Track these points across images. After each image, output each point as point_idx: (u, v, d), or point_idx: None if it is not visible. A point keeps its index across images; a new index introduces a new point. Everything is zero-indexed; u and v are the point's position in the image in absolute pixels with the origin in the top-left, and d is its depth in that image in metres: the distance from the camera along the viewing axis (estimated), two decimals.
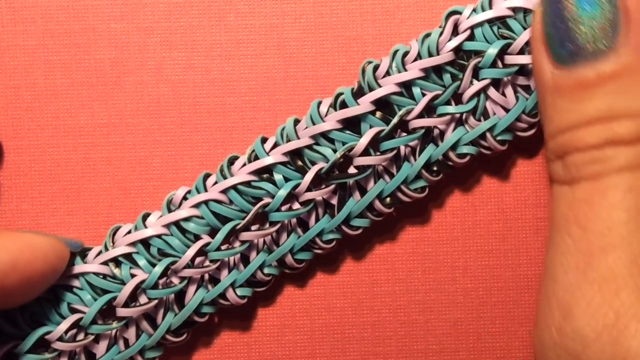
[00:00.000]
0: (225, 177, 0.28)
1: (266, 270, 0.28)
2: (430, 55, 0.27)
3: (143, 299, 0.27)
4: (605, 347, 0.22)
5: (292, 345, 0.30)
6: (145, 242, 0.28)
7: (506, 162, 0.30)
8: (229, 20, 0.30)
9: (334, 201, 0.28)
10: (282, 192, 0.27)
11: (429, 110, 0.28)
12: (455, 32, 0.27)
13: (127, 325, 0.28)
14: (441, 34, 0.27)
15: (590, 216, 0.23)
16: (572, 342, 0.23)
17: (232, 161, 0.28)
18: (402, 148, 0.28)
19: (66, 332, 0.27)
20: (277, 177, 0.28)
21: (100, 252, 0.28)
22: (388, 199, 0.28)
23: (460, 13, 0.27)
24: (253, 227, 0.28)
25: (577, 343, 0.23)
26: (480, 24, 0.27)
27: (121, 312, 0.27)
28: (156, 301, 0.27)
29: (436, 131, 0.28)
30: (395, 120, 0.27)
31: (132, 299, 0.27)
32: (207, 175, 0.28)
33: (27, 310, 0.27)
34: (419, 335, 0.30)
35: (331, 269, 0.30)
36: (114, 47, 0.29)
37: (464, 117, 0.28)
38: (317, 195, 0.27)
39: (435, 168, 0.28)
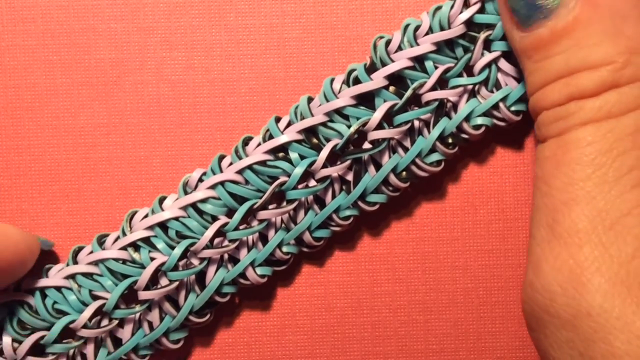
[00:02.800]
0: (240, 158, 0.28)
1: (285, 249, 0.28)
2: (441, 28, 0.27)
3: (164, 281, 0.27)
4: (570, 301, 0.22)
5: (292, 345, 0.30)
6: (163, 225, 0.28)
7: (506, 162, 0.30)
8: (229, 20, 0.30)
9: (350, 177, 0.28)
10: (299, 170, 0.27)
11: (442, 83, 0.28)
12: (466, 4, 0.27)
13: (150, 309, 0.28)
14: (452, 6, 0.27)
15: (554, 172, 0.24)
16: (542, 297, 0.23)
17: (246, 142, 0.28)
18: (417, 123, 0.28)
19: (90, 319, 0.27)
20: (293, 155, 0.28)
21: (117, 238, 0.28)
22: (404, 173, 0.28)
23: None
24: (270, 206, 0.28)
25: (546, 297, 0.23)
26: None
27: (143, 295, 0.27)
28: (177, 283, 0.27)
29: (449, 104, 0.28)
30: (408, 93, 0.27)
31: (153, 282, 0.27)
32: (222, 157, 0.28)
33: (50, 299, 0.27)
34: (419, 335, 0.30)
35: (331, 269, 0.30)
36: (114, 47, 0.29)
37: (476, 89, 0.28)
38: (333, 171, 0.27)
39: (450, 140, 0.28)
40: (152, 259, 0.27)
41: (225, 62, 0.30)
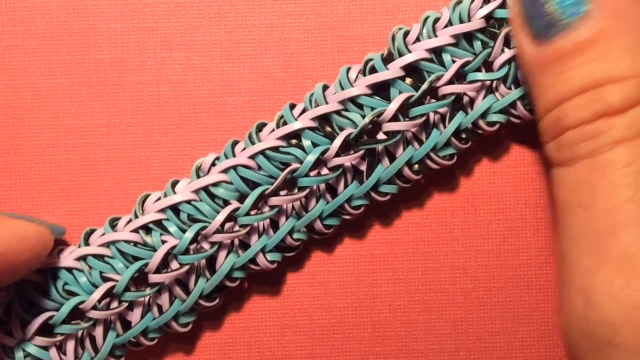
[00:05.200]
0: (253, 143, 0.28)
1: (295, 236, 0.28)
2: (461, 22, 0.27)
3: (174, 265, 0.27)
4: (636, 330, 0.21)
5: (292, 345, 0.30)
6: (175, 208, 0.27)
7: (506, 162, 0.30)
8: (229, 20, 0.30)
9: (363, 167, 0.28)
10: (311, 157, 0.27)
11: (459, 77, 0.27)
12: None
13: (160, 292, 0.28)
14: (473, 0, 0.27)
15: (594, 197, 0.23)
16: (601, 329, 0.22)
17: (260, 128, 0.28)
18: (432, 115, 0.28)
19: (100, 300, 0.27)
20: (306, 142, 0.27)
21: (129, 221, 0.28)
22: (416, 166, 0.28)
23: None
24: (282, 193, 0.27)
25: (606, 329, 0.22)
26: None
27: (153, 278, 0.27)
28: (187, 267, 0.27)
29: (466, 99, 0.28)
30: (425, 85, 0.27)
31: (164, 265, 0.27)
32: (235, 142, 0.28)
33: (60, 280, 0.27)
34: (419, 335, 0.30)
35: (331, 269, 0.30)
36: (114, 47, 0.29)
37: (494, 85, 0.28)
38: (346, 160, 0.27)
39: (464, 135, 0.28)
40: (164, 242, 0.27)
41: (225, 62, 0.30)
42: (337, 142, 0.27)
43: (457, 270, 0.30)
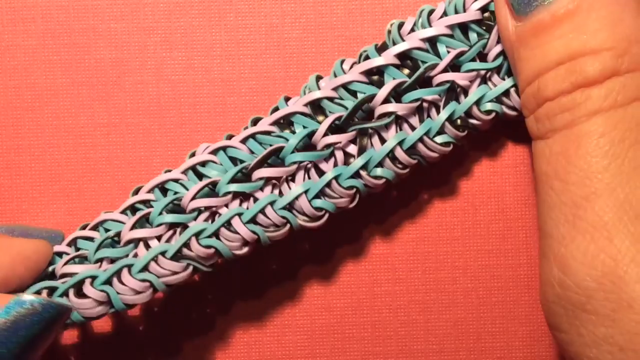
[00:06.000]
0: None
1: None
2: (456, 13, 0.27)
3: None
4: (608, 295, 0.22)
5: (292, 345, 0.30)
6: (163, 188, 0.27)
7: (506, 162, 0.30)
8: (229, 20, 0.30)
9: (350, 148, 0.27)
10: (298, 135, 0.27)
11: (454, 68, 0.27)
12: None
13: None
14: None
15: (569, 168, 0.23)
16: (576, 295, 0.23)
17: (255, 122, 0.28)
18: (426, 105, 0.27)
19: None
20: (298, 128, 0.27)
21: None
22: (411, 150, 0.27)
23: None
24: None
25: (581, 295, 0.23)
26: None
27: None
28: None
29: (460, 89, 0.28)
30: (419, 71, 0.27)
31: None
32: (230, 136, 0.28)
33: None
34: (419, 335, 0.30)
35: (331, 269, 0.30)
36: (114, 47, 0.29)
37: (488, 75, 0.28)
38: (335, 139, 0.27)
39: (459, 123, 0.27)
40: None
41: (225, 62, 0.30)
42: (326, 123, 0.27)
43: (457, 270, 0.30)
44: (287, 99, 0.28)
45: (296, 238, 0.28)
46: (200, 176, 0.27)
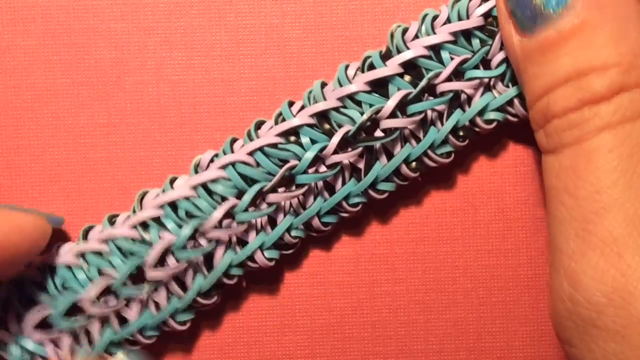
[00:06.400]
0: (252, 140, 0.28)
1: (293, 233, 0.28)
2: (459, 19, 0.27)
3: (172, 261, 0.27)
4: (619, 311, 0.22)
5: (292, 345, 0.30)
6: (173, 205, 0.27)
7: (506, 162, 0.30)
8: (229, 20, 0.30)
9: (361, 165, 0.28)
10: (309, 154, 0.27)
11: (457, 75, 0.27)
12: None
13: (158, 289, 0.28)
14: None
15: (579, 183, 0.23)
16: (586, 310, 0.23)
17: (259, 125, 0.28)
18: (429, 113, 0.28)
19: (98, 297, 0.27)
20: (304, 139, 0.27)
21: (128, 217, 0.28)
22: (414, 164, 0.28)
23: None
24: (280, 190, 0.27)
25: (591, 310, 0.22)
26: None
27: (151, 274, 0.27)
28: (185, 263, 0.27)
29: (463, 96, 0.28)
30: (423, 82, 0.27)
31: (162, 262, 0.27)
32: (234, 140, 0.28)
33: (59, 277, 0.27)
34: (419, 335, 0.30)
35: (331, 269, 0.30)
36: (114, 47, 0.29)
37: (491, 82, 0.28)
38: (344, 158, 0.27)
39: (461, 133, 0.28)
40: (162, 237, 0.27)
41: (225, 62, 0.30)
42: (336, 139, 0.27)
43: (457, 270, 0.30)
44: (290, 104, 0.28)
45: None
46: (209, 191, 0.27)
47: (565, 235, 0.24)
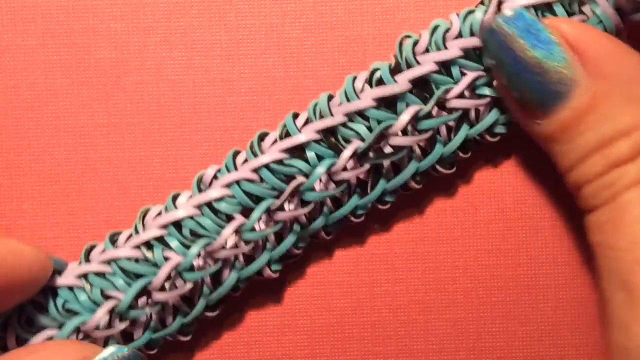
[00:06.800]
0: (255, 155, 0.27)
1: (299, 244, 0.28)
2: (472, 34, 0.27)
3: (178, 280, 0.27)
4: None
5: (292, 345, 0.30)
6: (177, 224, 0.27)
7: (506, 162, 0.30)
8: (229, 20, 0.30)
9: (364, 176, 0.28)
10: (319, 171, 0.27)
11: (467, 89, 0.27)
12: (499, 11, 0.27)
13: (163, 307, 0.27)
14: (485, 12, 0.27)
15: (617, 235, 0.24)
16: (635, 354, 0.23)
17: (262, 137, 0.28)
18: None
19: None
20: (309, 154, 0.27)
21: (130, 236, 0.28)
22: (419, 177, 0.28)
23: None
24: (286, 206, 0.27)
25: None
26: (525, 7, 0.26)
27: (158, 296, 0.27)
28: (192, 284, 0.27)
29: (472, 111, 0.28)
30: (434, 100, 0.27)
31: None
32: (236, 153, 0.28)
33: (60, 298, 0.27)
34: (419, 335, 0.30)
35: (331, 269, 0.30)
36: (114, 47, 0.29)
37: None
38: (352, 175, 0.27)
39: (467, 146, 0.28)
40: (166, 258, 0.27)
41: (225, 62, 0.30)
42: (346, 156, 0.27)
43: (457, 270, 0.30)
44: (295, 116, 0.28)
45: None
46: (213, 210, 0.27)
47: (612, 287, 0.24)
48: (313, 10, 0.30)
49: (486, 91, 0.27)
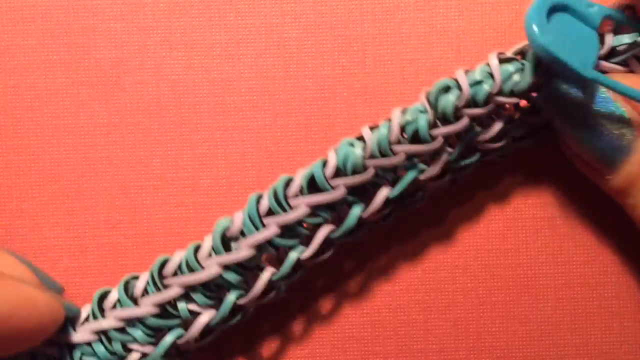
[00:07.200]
0: (279, 204, 0.26)
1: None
2: (511, 91, 0.26)
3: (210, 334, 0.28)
4: None
5: (292, 345, 0.30)
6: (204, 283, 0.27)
7: (506, 162, 0.30)
8: (229, 20, 0.30)
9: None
10: (351, 222, 0.27)
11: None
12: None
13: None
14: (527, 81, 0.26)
15: None
16: None
17: (287, 184, 0.27)
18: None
19: None
20: (338, 204, 0.27)
21: (146, 287, 0.27)
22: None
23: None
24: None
25: None
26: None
27: (189, 347, 0.27)
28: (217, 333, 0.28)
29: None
30: (461, 146, 0.27)
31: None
32: (259, 197, 0.27)
33: (78, 352, 0.27)
34: (419, 335, 0.30)
35: (331, 269, 0.30)
36: (114, 47, 0.29)
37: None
38: (376, 218, 0.27)
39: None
40: (191, 311, 0.27)
41: (225, 62, 0.30)
42: (377, 204, 0.27)
43: (457, 270, 0.30)
44: (324, 164, 0.27)
45: None
46: (241, 265, 0.27)
47: None
48: (313, 10, 0.30)
49: (511, 132, 0.28)
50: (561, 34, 0.25)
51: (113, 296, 0.27)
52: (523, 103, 0.28)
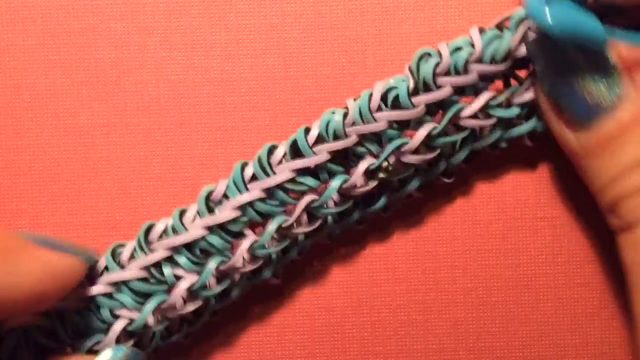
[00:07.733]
0: (265, 171, 0.27)
1: (303, 251, 0.28)
2: (492, 59, 0.26)
3: (193, 300, 0.27)
4: None
5: (292, 345, 0.30)
6: (187, 245, 0.27)
7: (506, 162, 0.30)
8: (229, 20, 0.30)
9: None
10: (333, 190, 0.27)
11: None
12: (524, 38, 0.26)
13: (170, 319, 0.27)
14: (511, 39, 0.26)
15: None
16: None
17: (270, 151, 0.27)
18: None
19: (117, 339, 0.26)
20: (322, 175, 0.27)
21: (133, 253, 0.27)
22: (420, 186, 0.28)
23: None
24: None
25: None
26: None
27: (170, 314, 0.27)
28: (202, 301, 0.27)
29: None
30: (446, 120, 0.27)
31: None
32: (244, 165, 0.27)
33: (69, 322, 0.26)
34: (419, 335, 0.30)
35: (331, 269, 0.30)
36: (114, 47, 0.29)
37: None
38: (363, 192, 0.27)
39: (467, 157, 0.28)
40: (176, 276, 0.27)
41: (225, 62, 0.30)
42: (358, 175, 0.27)
43: (457, 270, 0.30)
44: (306, 131, 0.27)
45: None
46: (224, 229, 0.27)
47: None
48: (313, 10, 0.30)
49: (499, 113, 0.27)
50: (563, 12, 0.25)
51: (101, 263, 0.27)
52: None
